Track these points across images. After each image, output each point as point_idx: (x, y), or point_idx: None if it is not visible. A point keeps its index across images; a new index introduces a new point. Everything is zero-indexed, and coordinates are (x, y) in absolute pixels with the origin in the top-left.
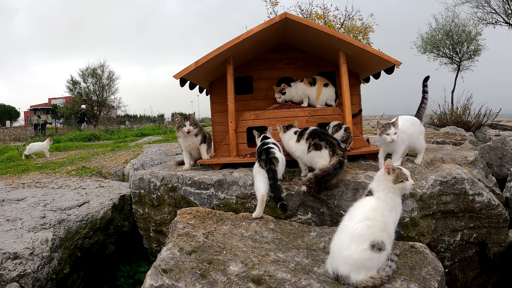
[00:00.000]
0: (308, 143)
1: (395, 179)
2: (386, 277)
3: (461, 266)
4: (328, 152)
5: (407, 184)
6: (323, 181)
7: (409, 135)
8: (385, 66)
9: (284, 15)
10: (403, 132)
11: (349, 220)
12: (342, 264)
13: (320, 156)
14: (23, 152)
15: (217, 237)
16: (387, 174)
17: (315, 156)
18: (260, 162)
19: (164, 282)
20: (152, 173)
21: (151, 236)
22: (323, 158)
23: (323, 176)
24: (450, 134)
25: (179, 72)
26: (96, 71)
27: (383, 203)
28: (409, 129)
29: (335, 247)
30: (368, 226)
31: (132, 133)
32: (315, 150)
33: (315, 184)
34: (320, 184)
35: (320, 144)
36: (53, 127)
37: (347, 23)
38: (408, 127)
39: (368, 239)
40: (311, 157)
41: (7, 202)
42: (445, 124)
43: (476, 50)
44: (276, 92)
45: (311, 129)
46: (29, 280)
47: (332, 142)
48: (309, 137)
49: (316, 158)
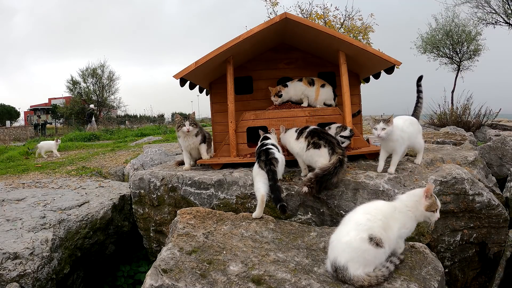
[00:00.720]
0: (307, 141)
1: (428, 206)
2: (382, 277)
3: (461, 266)
4: (327, 151)
5: (434, 216)
6: (323, 180)
7: (409, 135)
8: (385, 66)
9: (284, 15)
10: (403, 132)
11: (353, 213)
12: (341, 252)
13: (319, 155)
14: (36, 151)
15: (217, 237)
16: (424, 197)
17: (314, 155)
18: (259, 163)
19: (164, 282)
20: (152, 173)
21: (151, 236)
22: (322, 157)
23: (324, 175)
24: (450, 134)
25: (179, 72)
26: (96, 71)
27: (393, 210)
28: (409, 128)
29: (335, 236)
30: (367, 219)
31: (132, 133)
32: (314, 148)
33: (315, 184)
34: (321, 183)
35: (319, 143)
36: (53, 127)
37: (347, 23)
38: (408, 127)
39: (367, 231)
40: (310, 156)
41: (7, 202)
42: (445, 124)
43: (476, 50)
44: (272, 95)
45: (311, 127)
46: (29, 280)
47: (332, 141)
48: (309, 135)
49: (315, 157)
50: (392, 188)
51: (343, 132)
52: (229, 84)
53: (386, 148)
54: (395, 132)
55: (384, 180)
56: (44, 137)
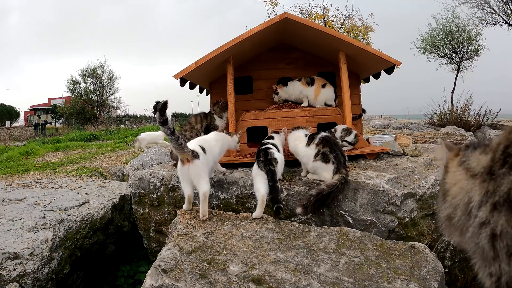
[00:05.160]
0: (318, 149)
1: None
2: None
3: (461, 266)
4: (333, 168)
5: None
6: (328, 198)
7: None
8: (385, 66)
9: (284, 15)
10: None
11: None
12: None
13: (325, 169)
14: (136, 144)
15: (217, 237)
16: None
17: (320, 168)
18: (259, 163)
19: (164, 282)
20: (152, 173)
21: (151, 236)
22: (327, 172)
23: (330, 192)
24: (450, 134)
25: (179, 72)
26: (96, 71)
27: None
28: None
29: None
30: None
31: (132, 133)
32: (322, 162)
33: (314, 202)
34: (323, 201)
35: (329, 157)
36: (53, 127)
37: (347, 23)
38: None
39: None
40: (316, 167)
41: (7, 202)
42: (445, 124)
43: (476, 50)
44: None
45: (323, 134)
46: (29, 280)
47: (340, 159)
48: (320, 142)
49: (319, 170)
50: (392, 188)
51: (348, 137)
52: (229, 84)
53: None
54: None
55: (384, 180)
56: (44, 137)
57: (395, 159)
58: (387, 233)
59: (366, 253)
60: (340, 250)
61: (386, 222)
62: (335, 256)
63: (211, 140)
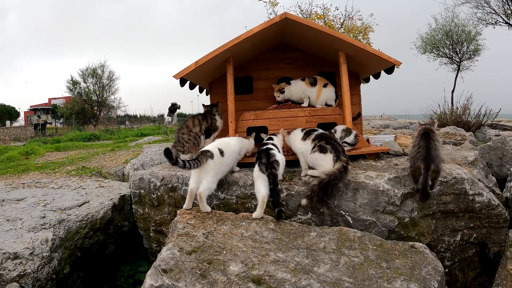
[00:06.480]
0: (314, 144)
1: None
2: None
3: (461, 266)
4: (332, 157)
5: None
6: (329, 186)
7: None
8: (385, 66)
9: (284, 15)
10: None
11: None
12: None
13: (323, 159)
14: None
15: (217, 237)
16: None
17: (319, 159)
18: (260, 165)
19: (164, 282)
20: (152, 173)
21: (151, 236)
22: (326, 162)
23: (330, 180)
24: (450, 134)
25: (179, 72)
26: (96, 71)
27: None
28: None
29: None
30: None
31: (132, 133)
32: (320, 152)
33: (318, 192)
34: (326, 189)
35: (326, 147)
36: (53, 127)
37: (347, 23)
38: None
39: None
40: (315, 159)
41: (7, 202)
42: (445, 124)
43: (476, 50)
44: (275, 91)
45: (319, 131)
46: (29, 280)
47: (338, 148)
48: (316, 138)
49: (319, 161)
50: (392, 188)
51: (347, 137)
52: (229, 84)
53: None
54: None
55: (384, 180)
56: (44, 137)
57: (395, 159)
58: (387, 233)
59: (366, 253)
60: (340, 250)
61: (386, 222)
62: (335, 256)
63: (233, 144)
